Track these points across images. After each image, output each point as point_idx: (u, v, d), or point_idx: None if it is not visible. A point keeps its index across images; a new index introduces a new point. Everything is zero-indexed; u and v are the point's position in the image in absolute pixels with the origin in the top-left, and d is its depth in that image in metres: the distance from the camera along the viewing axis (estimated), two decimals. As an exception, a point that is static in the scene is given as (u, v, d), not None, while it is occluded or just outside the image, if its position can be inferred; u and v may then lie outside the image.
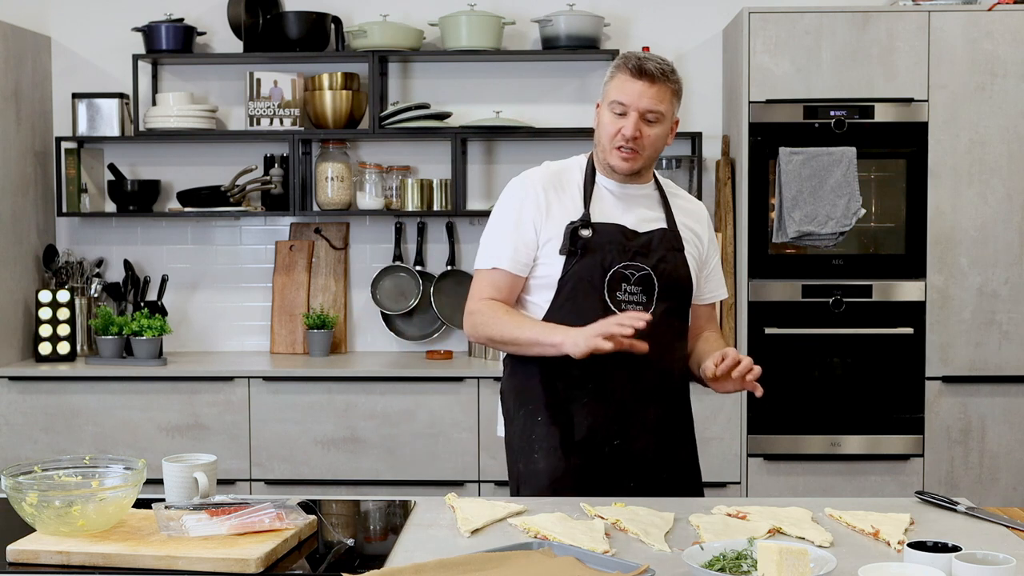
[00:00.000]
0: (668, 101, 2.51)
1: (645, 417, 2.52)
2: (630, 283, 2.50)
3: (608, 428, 2.49)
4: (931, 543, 1.82)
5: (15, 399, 4.26)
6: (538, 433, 2.53)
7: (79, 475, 2.15)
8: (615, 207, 2.56)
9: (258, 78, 4.61)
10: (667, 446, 2.55)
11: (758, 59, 4.14)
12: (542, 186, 2.56)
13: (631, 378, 2.49)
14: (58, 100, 4.75)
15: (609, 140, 2.51)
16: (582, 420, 2.49)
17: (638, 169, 2.54)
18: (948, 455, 4.19)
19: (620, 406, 2.50)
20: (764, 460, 4.20)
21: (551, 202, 2.54)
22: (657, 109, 2.49)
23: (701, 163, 4.50)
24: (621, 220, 2.54)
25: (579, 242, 2.49)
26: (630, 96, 2.48)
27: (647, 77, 2.48)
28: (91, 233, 4.80)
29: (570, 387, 2.50)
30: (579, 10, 4.51)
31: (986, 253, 4.15)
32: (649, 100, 2.48)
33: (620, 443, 2.50)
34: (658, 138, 2.52)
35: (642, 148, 2.50)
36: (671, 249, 2.55)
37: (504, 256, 2.54)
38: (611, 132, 2.51)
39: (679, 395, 2.61)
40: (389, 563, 1.94)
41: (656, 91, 2.48)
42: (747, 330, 4.18)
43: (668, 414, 2.56)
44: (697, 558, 1.82)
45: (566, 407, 2.50)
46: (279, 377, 4.27)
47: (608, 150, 2.52)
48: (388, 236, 4.76)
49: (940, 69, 4.13)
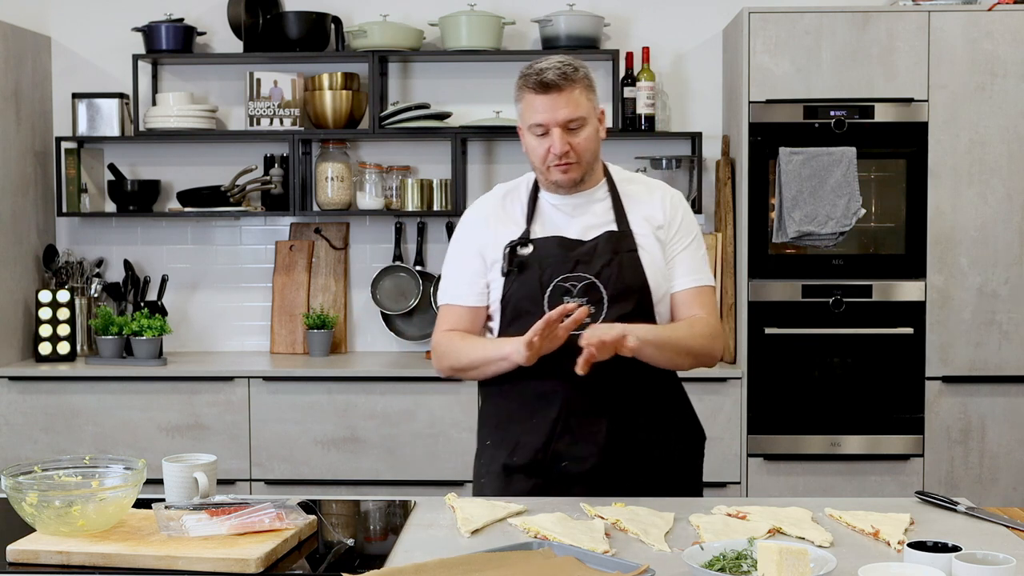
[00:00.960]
0: (584, 101, 2.41)
1: (594, 433, 2.41)
2: (573, 295, 2.41)
3: (555, 448, 2.42)
4: (931, 543, 1.82)
5: (15, 399, 4.26)
6: (485, 457, 2.52)
7: (79, 475, 2.15)
8: (559, 219, 2.49)
9: (258, 78, 4.61)
10: (626, 459, 2.42)
11: (758, 59, 4.14)
12: (485, 213, 2.54)
13: (577, 393, 2.39)
14: (58, 100, 4.75)
15: (542, 162, 2.43)
16: (527, 442, 2.43)
17: (581, 177, 2.45)
18: (948, 455, 4.19)
19: (565, 424, 2.41)
20: (764, 460, 4.20)
21: (496, 227, 2.50)
22: (576, 116, 2.40)
23: (701, 163, 4.50)
24: (564, 231, 2.47)
25: (516, 260, 2.44)
26: (544, 114, 2.39)
27: (553, 89, 2.38)
28: (91, 233, 4.80)
29: (517, 408, 2.46)
30: (579, 10, 4.51)
31: (986, 253, 4.15)
32: (565, 111, 2.39)
33: (568, 464, 2.41)
34: (589, 140, 2.43)
35: (578, 158, 2.42)
36: (620, 251, 2.44)
37: (458, 291, 2.53)
38: (541, 154, 2.43)
39: (647, 402, 2.47)
40: (389, 563, 1.94)
41: (567, 98, 2.39)
42: (747, 330, 4.18)
43: (626, 425, 2.43)
44: (697, 558, 1.82)
45: (512, 428, 2.46)
46: (279, 377, 4.27)
47: (545, 171, 2.45)
48: (388, 236, 4.76)
49: (940, 69, 4.13)
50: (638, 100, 4.51)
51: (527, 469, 2.43)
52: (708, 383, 4.17)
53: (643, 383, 2.44)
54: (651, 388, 2.48)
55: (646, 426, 2.46)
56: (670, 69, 4.69)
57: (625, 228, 2.47)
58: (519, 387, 2.44)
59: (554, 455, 2.42)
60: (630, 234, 2.47)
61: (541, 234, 2.47)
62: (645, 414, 2.46)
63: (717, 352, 2.50)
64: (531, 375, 2.39)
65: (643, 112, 4.51)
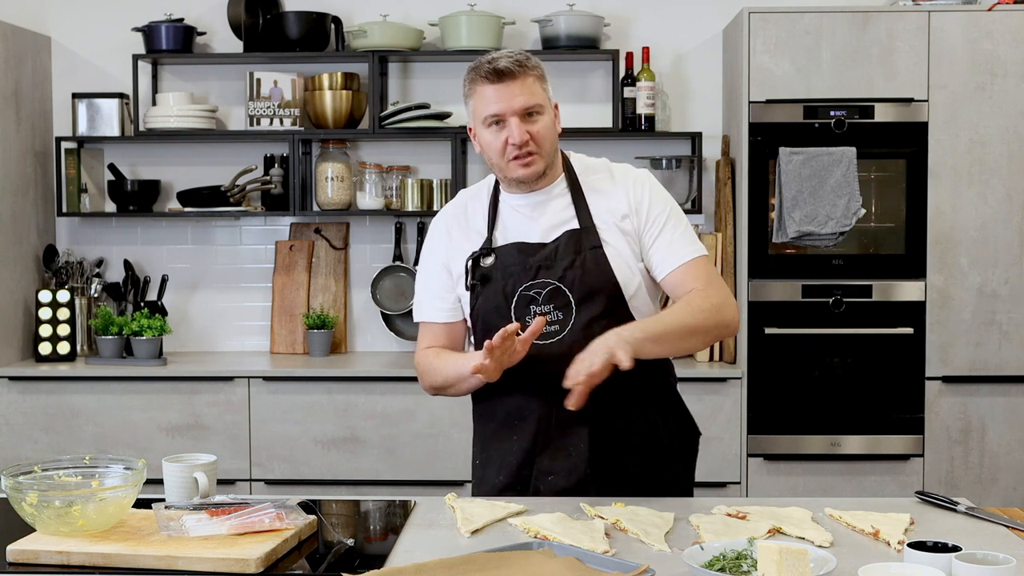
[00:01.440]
0: (539, 90, 2.34)
1: (576, 445, 2.35)
2: (539, 303, 2.33)
3: (538, 466, 2.37)
4: (931, 543, 1.82)
5: (15, 399, 4.26)
6: (476, 476, 2.49)
7: (79, 475, 2.15)
8: (521, 223, 2.40)
9: (258, 78, 4.61)
10: (615, 466, 2.36)
11: (758, 59, 4.14)
12: (446, 225, 2.47)
13: (553, 408, 2.31)
14: (58, 100, 4.75)
15: (500, 155, 2.34)
16: (509, 461, 2.39)
17: (543, 170, 2.36)
18: (948, 455, 4.19)
19: (544, 440, 2.36)
20: (764, 460, 4.20)
21: (457, 238, 2.43)
22: (533, 104, 2.32)
23: (701, 163, 4.50)
24: (526, 235, 2.38)
25: (479, 273, 2.37)
26: (500, 103, 2.31)
27: (507, 76, 2.31)
28: (91, 233, 4.80)
29: (496, 428, 2.42)
30: (579, 10, 4.51)
31: (986, 253, 4.15)
32: (522, 98, 2.31)
33: (554, 479, 2.35)
34: (547, 129, 2.34)
35: (538, 147, 2.33)
36: (583, 250, 2.33)
37: (430, 308, 2.48)
38: (499, 148, 2.33)
39: (633, 403, 2.37)
40: (389, 563, 1.94)
41: (521, 85, 2.31)
42: (747, 330, 4.18)
43: (610, 431, 2.35)
44: (697, 558, 1.82)
45: (495, 447, 2.43)
46: (279, 377, 4.27)
47: (504, 166, 2.34)
48: (388, 236, 4.76)
49: (940, 69, 4.13)
50: (638, 100, 4.51)
51: (515, 488, 2.39)
52: (708, 383, 4.17)
53: (625, 386, 2.30)
54: (636, 389, 2.35)
55: (633, 429, 2.38)
56: (670, 69, 4.69)
57: (587, 223, 2.36)
58: (495, 406, 2.42)
59: (539, 472, 2.37)
60: (593, 229, 2.35)
61: (502, 241, 2.39)
62: (630, 417, 2.38)
63: (728, 319, 2.33)
64: (505, 393, 2.36)
65: (643, 112, 4.51)
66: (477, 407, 2.51)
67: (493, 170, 2.42)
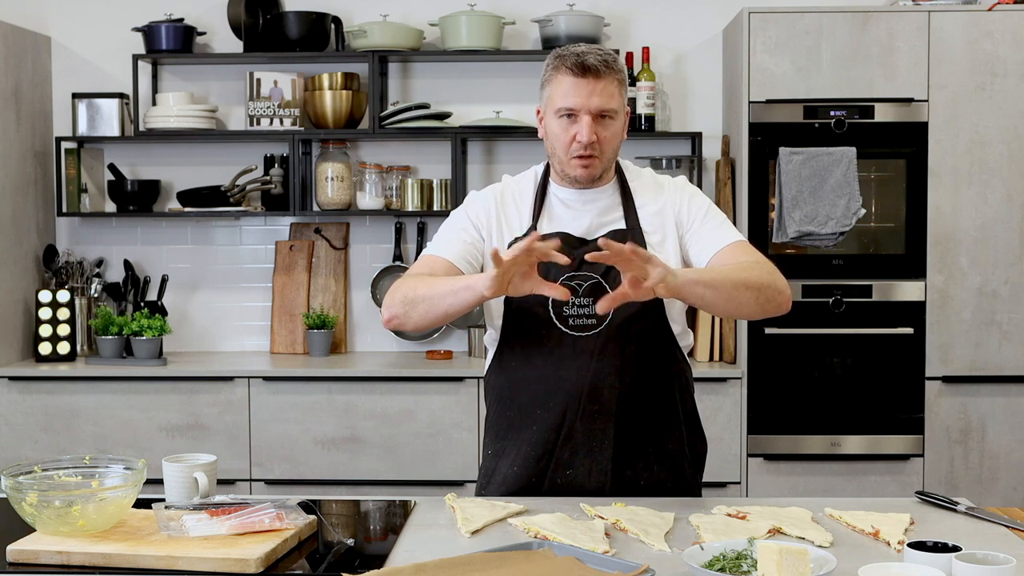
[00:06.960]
0: (619, 95, 2.32)
1: (598, 441, 2.34)
2: (579, 294, 2.31)
3: (556, 459, 2.35)
4: (931, 543, 1.82)
5: (15, 399, 4.26)
6: (487, 467, 2.45)
7: (79, 475, 2.15)
8: (567, 216, 2.40)
9: (258, 78, 4.61)
10: (635, 468, 2.36)
11: (758, 59, 4.14)
12: (495, 200, 2.44)
13: (584, 401, 2.32)
14: (58, 100, 4.75)
15: (565, 150, 2.33)
16: (528, 451, 2.36)
17: (599, 174, 2.37)
18: (948, 455, 4.19)
19: (569, 431, 2.33)
20: (764, 460, 4.20)
21: (501, 217, 2.42)
22: (610, 107, 2.30)
23: (701, 163, 4.50)
24: (570, 229, 2.38)
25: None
26: (578, 98, 2.28)
27: (591, 73, 2.28)
28: (91, 233, 4.80)
29: (515, 417, 2.39)
30: (579, 10, 4.51)
31: (986, 253, 4.15)
32: (599, 99, 2.29)
33: (572, 473, 2.34)
34: (615, 137, 2.34)
35: (601, 152, 2.32)
36: None
37: (448, 248, 2.39)
38: (565, 141, 2.32)
39: (656, 407, 2.38)
40: (389, 563, 1.94)
41: (604, 87, 2.29)
42: (747, 330, 4.18)
43: (633, 432, 2.35)
44: (697, 558, 1.82)
45: (511, 438, 2.39)
46: (279, 377, 4.27)
47: (565, 161, 2.34)
48: (388, 236, 4.76)
49: (940, 69, 4.13)
50: (638, 100, 4.51)
51: (529, 479, 2.37)
52: (708, 383, 4.17)
53: (651, 383, 2.34)
54: (661, 388, 2.38)
55: (657, 429, 2.38)
56: (670, 69, 4.69)
57: (634, 225, 2.38)
58: (519, 393, 2.39)
59: (557, 464, 2.36)
60: (639, 231, 2.37)
61: (548, 230, 2.38)
62: (655, 419, 2.38)
63: (781, 286, 2.27)
64: (531, 381, 2.36)
65: (643, 112, 4.51)
66: (496, 394, 2.45)
67: (551, 160, 2.41)
